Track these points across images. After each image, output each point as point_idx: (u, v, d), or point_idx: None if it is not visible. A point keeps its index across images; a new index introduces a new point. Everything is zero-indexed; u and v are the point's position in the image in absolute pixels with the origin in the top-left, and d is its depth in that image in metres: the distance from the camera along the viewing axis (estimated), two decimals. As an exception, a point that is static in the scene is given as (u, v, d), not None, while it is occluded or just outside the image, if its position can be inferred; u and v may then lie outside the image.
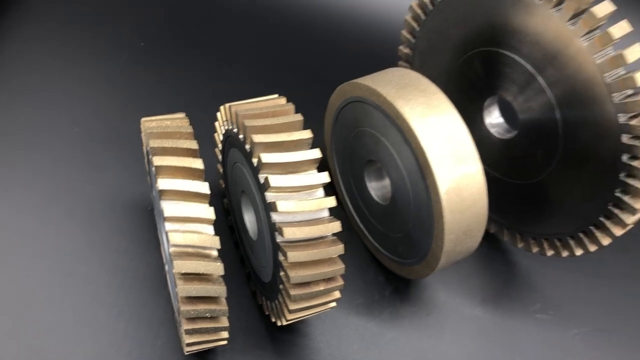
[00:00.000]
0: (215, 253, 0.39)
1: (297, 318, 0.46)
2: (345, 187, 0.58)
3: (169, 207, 0.38)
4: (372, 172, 0.53)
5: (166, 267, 0.50)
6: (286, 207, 0.39)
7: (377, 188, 0.54)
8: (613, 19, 0.43)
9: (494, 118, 0.55)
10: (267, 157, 0.39)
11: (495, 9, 0.48)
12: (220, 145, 0.49)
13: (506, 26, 0.47)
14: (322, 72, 0.72)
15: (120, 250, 0.53)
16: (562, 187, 0.50)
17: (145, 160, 0.48)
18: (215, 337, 0.42)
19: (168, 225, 0.38)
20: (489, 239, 0.61)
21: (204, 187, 0.39)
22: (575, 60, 0.43)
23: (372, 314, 0.54)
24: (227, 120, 0.45)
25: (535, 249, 0.55)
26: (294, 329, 0.52)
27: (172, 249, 0.38)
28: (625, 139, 0.43)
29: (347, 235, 0.59)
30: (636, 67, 0.42)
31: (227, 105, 0.44)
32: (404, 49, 0.59)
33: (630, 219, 0.46)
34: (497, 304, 0.57)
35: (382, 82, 0.47)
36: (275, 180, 0.39)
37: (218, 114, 0.46)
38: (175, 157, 0.39)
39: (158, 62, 0.60)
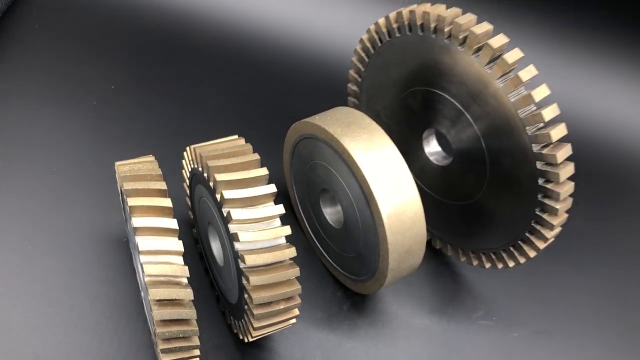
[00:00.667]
0: (185, 281, 0.44)
1: (261, 334, 0.52)
2: (304, 213, 0.64)
3: (143, 242, 0.43)
4: (327, 200, 0.59)
5: (142, 294, 0.55)
6: (247, 237, 0.45)
7: (331, 213, 0.60)
8: (523, 63, 0.50)
9: (432, 147, 0.61)
10: (228, 194, 0.45)
11: (426, 54, 0.54)
12: (187, 181, 0.55)
13: (436, 69, 0.54)
14: (282, 108, 0.78)
15: (100, 280, 0.58)
16: (492, 207, 0.57)
17: (120, 198, 0.53)
18: (189, 355, 0.47)
19: (142, 258, 0.43)
20: (436, 254, 0.67)
21: (173, 224, 0.44)
22: (494, 98, 0.50)
23: (332, 327, 0.60)
24: (192, 160, 0.50)
25: (475, 262, 0.62)
26: (260, 344, 0.58)
27: (147, 279, 0.43)
28: (539, 165, 0.50)
29: (307, 256, 0.65)
30: (545, 104, 0.50)
31: (191, 147, 0.50)
32: (352, 87, 0.66)
33: (549, 234, 0.53)
34: (443, 313, 0.63)
35: (329, 121, 0.53)
36: (236, 213, 0.45)
37: (185, 153, 0.52)
38: (146, 197, 0.45)
39: (128, 104, 0.65)
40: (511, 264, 0.58)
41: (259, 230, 0.45)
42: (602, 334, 0.65)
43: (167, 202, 0.44)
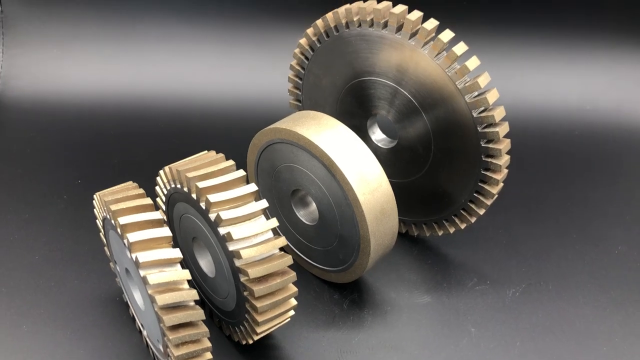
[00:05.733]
0: (186, 285, 0.45)
1: (264, 330, 0.52)
2: (282, 231, 0.67)
3: (141, 256, 0.44)
4: (298, 202, 0.63)
5: (144, 332, 0.55)
6: (239, 234, 0.47)
7: (305, 213, 0.63)
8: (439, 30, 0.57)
9: (377, 135, 0.67)
10: (213, 197, 0.48)
11: (345, 49, 0.62)
12: (163, 207, 0.57)
13: (358, 59, 0.61)
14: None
15: (100, 337, 0.58)
16: (439, 180, 0.63)
17: (103, 233, 0.55)
18: (202, 359, 0.47)
19: (142, 271, 0.44)
20: (416, 243, 0.70)
21: (166, 232, 0.46)
22: (420, 67, 0.57)
23: (338, 326, 0.60)
24: (169, 181, 0.53)
25: (428, 233, 0.68)
26: (272, 356, 0.57)
27: (150, 291, 0.44)
28: (482, 142, 0.56)
29: (296, 270, 0.66)
30: (478, 73, 0.56)
31: (167, 167, 0.53)
32: (294, 102, 0.72)
33: (489, 201, 0.61)
34: (440, 289, 0.65)
35: (279, 123, 0.59)
36: (225, 214, 0.48)
37: (158, 178, 0.55)
38: (136, 213, 0.47)
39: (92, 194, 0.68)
40: (452, 230, 0.66)
41: (248, 225, 0.48)
42: (590, 271, 0.68)
43: (157, 215, 0.46)
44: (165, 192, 0.55)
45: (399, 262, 0.68)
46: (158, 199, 0.57)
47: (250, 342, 0.53)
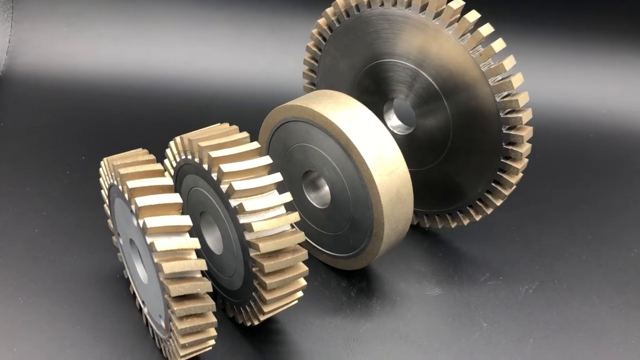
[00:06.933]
0: (194, 255, 0.43)
1: (272, 311, 0.50)
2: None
3: (149, 221, 0.41)
4: (309, 185, 0.61)
5: (145, 310, 0.53)
6: (251, 206, 0.46)
7: (316, 197, 0.61)
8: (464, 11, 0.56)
9: (393, 121, 0.65)
10: (226, 167, 0.46)
11: (365, 30, 0.60)
12: (172, 177, 0.55)
13: (378, 40, 0.60)
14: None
15: (101, 315, 0.56)
16: (455, 169, 0.61)
17: (108, 204, 0.53)
18: (206, 336, 0.45)
19: (149, 238, 0.42)
20: (427, 235, 0.68)
21: (176, 198, 0.43)
22: (444, 49, 0.55)
23: (345, 313, 0.58)
24: (179, 152, 0.52)
25: (440, 225, 0.66)
26: (277, 340, 0.55)
27: (156, 259, 0.42)
28: (504, 129, 0.55)
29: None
30: (501, 57, 0.54)
31: (178, 137, 0.51)
32: (308, 86, 0.70)
33: (507, 192, 0.59)
34: (451, 282, 0.63)
35: (295, 101, 0.57)
36: (237, 185, 0.46)
37: (167, 150, 0.53)
38: (145, 178, 0.45)
39: (97, 171, 0.67)
40: (466, 221, 0.64)
41: (261, 199, 0.46)
42: (605, 272, 0.66)
43: (167, 180, 0.44)
44: (175, 164, 0.53)
45: (409, 253, 0.66)
46: (166, 174, 0.55)
47: (256, 323, 0.51)
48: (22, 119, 0.84)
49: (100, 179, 0.52)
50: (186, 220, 0.42)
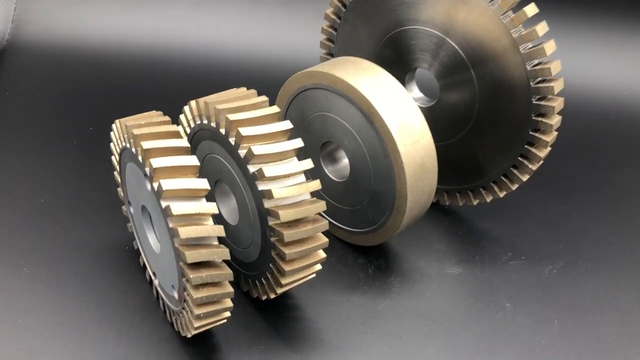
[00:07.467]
0: (211, 221, 0.41)
1: (289, 283, 0.48)
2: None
3: (164, 183, 0.39)
4: (326, 157, 0.58)
5: (155, 282, 0.51)
6: (271, 172, 0.43)
7: (334, 170, 0.58)
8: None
9: (415, 93, 0.63)
10: (245, 131, 0.43)
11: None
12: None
13: (402, 5, 0.57)
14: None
15: (107, 288, 0.54)
16: (478, 143, 0.59)
17: (118, 171, 0.51)
18: (221, 307, 0.43)
19: (164, 202, 0.39)
20: (446, 213, 0.66)
21: (193, 160, 0.41)
22: (474, 14, 0.53)
23: (363, 290, 0.56)
24: (194, 117, 0.49)
25: (461, 202, 0.64)
26: (292, 316, 0.53)
27: (171, 223, 0.39)
28: (534, 99, 0.52)
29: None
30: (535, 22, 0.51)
31: (193, 101, 0.49)
32: (325, 57, 0.67)
33: (534, 166, 0.56)
34: (472, 262, 0.60)
35: (315, 67, 0.54)
36: (257, 149, 0.43)
37: (181, 115, 0.51)
38: (161, 139, 0.42)
39: (104, 142, 0.65)
40: (489, 198, 0.61)
41: (281, 165, 0.44)
42: (630, 253, 0.63)
43: (183, 142, 0.42)
44: (189, 130, 0.51)
45: (428, 232, 0.64)
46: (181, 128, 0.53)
47: (272, 296, 0.49)
48: (28, 88, 0.81)
49: (111, 144, 0.50)
50: (203, 184, 0.40)
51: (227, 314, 0.44)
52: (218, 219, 0.52)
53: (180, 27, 0.93)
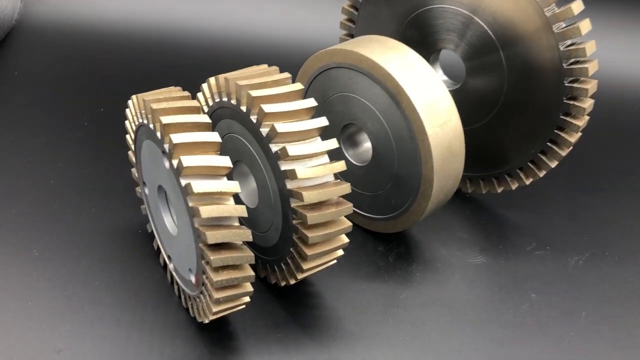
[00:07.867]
0: (232, 201, 0.39)
1: (311, 268, 0.46)
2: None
3: (185, 160, 0.37)
4: (347, 140, 0.56)
5: (170, 266, 0.49)
6: (295, 151, 0.41)
7: (354, 154, 0.56)
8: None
9: (439, 76, 0.60)
10: (268, 108, 0.41)
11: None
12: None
13: (429, -17, 0.55)
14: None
15: (120, 271, 0.52)
16: (505, 128, 0.56)
17: (133, 150, 0.49)
18: (241, 291, 0.41)
19: (184, 180, 0.37)
20: (468, 201, 0.64)
21: (214, 137, 0.39)
22: None
23: (384, 278, 0.54)
24: (213, 94, 0.47)
25: (485, 190, 0.62)
26: (312, 304, 0.51)
27: (192, 202, 0.37)
28: (566, 82, 0.50)
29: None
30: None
31: (212, 78, 0.46)
32: (345, 38, 0.65)
33: (564, 152, 0.54)
34: (496, 251, 0.58)
35: (338, 46, 0.52)
36: (280, 127, 0.41)
37: (199, 94, 0.49)
38: (180, 114, 0.40)
39: (116, 123, 0.63)
40: (514, 185, 0.59)
41: (304, 145, 0.42)
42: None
43: (204, 118, 0.40)
44: (207, 109, 0.49)
45: (450, 220, 0.62)
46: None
47: (292, 282, 0.47)
48: (37, 68, 0.80)
49: (127, 122, 0.48)
50: (226, 161, 0.38)
51: (247, 298, 0.42)
52: (236, 201, 0.50)
53: (195, 6, 0.91)
